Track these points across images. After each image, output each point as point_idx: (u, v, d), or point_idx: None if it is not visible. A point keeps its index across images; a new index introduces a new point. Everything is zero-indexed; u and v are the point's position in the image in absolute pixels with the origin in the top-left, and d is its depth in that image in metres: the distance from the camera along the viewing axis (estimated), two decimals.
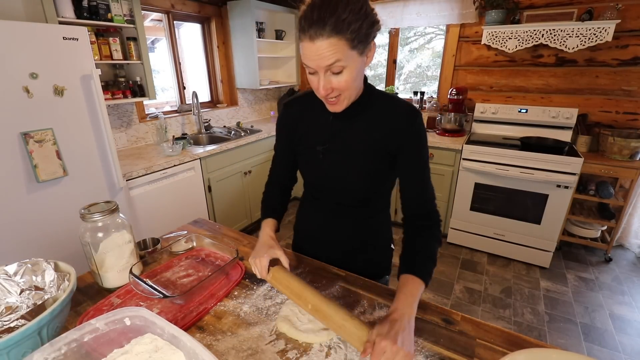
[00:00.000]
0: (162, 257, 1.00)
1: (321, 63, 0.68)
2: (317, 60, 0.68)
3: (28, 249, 1.55)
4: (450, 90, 2.85)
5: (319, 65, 0.68)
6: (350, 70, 0.70)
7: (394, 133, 0.81)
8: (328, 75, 0.70)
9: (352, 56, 0.68)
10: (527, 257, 2.53)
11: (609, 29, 2.21)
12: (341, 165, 0.87)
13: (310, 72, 0.72)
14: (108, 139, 1.76)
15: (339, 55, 0.66)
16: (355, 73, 0.71)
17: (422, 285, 0.75)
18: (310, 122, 0.90)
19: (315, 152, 0.89)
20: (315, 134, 0.89)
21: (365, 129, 0.84)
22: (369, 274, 0.97)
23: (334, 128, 0.87)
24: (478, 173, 2.49)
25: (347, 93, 0.75)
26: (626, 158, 2.28)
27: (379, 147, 0.83)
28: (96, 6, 1.94)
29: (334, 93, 0.73)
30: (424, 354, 0.69)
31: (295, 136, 0.94)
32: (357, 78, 0.74)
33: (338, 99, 0.75)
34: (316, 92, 0.75)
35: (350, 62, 0.69)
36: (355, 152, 0.85)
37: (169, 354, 0.58)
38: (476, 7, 2.65)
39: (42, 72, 1.48)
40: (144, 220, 2.10)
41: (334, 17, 0.64)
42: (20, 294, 0.67)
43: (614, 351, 1.79)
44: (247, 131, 2.97)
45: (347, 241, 0.99)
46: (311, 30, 0.65)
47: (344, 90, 0.73)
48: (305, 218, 1.08)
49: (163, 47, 2.85)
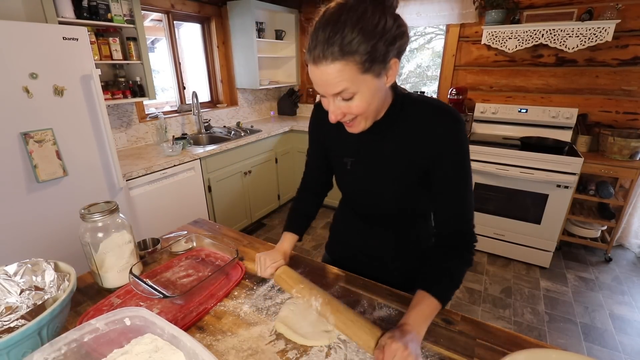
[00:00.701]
0: (162, 257, 1.00)
1: (328, 90, 0.61)
2: (323, 86, 0.61)
3: (28, 249, 1.55)
4: (450, 90, 2.85)
5: (327, 92, 0.62)
6: (363, 95, 0.62)
7: (429, 145, 0.72)
8: (338, 101, 0.63)
9: (364, 80, 0.60)
10: (527, 257, 2.53)
11: (609, 29, 2.21)
12: (371, 179, 0.80)
13: (322, 95, 0.66)
14: (108, 139, 1.76)
15: (346, 84, 0.59)
16: (370, 97, 0.63)
17: (438, 307, 0.70)
18: (338, 130, 0.79)
19: (343, 164, 0.84)
20: (343, 144, 0.83)
21: (397, 142, 0.75)
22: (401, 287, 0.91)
23: (362, 140, 0.78)
24: (478, 173, 2.49)
25: (364, 116, 0.67)
26: (626, 158, 2.28)
27: (412, 161, 0.75)
28: (96, 6, 1.94)
29: (348, 117, 0.66)
30: (424, 354, 0.69)
31: (326, 141, 0.88)
32: (374, 101, 0.65)
33: (354, 122, 0.68)
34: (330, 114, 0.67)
35: (362, 87, 0.60)
36: (387, 163, 0.77)
37: (169, 354, 0.58)
38: (476, 7, 2.65)
39: (42, 72, 1.48)
40: (144, 220, 2.10)
41: (340, 37, 0.55)
42: (20, 294, 0.67)
43: (614, 351, 1.79)
44: (247, 131, 2.97)
45: (382, 250, 0.94)
46: (314, 53, 0.58)
47: (358, 114, 0.65)
48: (341, 223, 1.04)
49: (163, 47, 2.85)
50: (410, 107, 0.74)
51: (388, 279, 0.94)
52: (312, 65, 0.60)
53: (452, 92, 2.83)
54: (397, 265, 0.95)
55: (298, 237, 0.96)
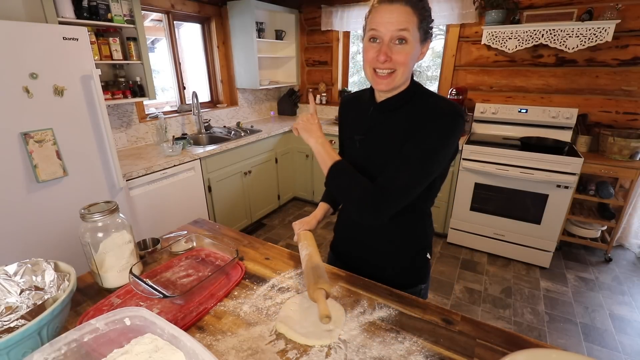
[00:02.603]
0: (162, 257, 1.00)
1: (392, 27, 0.72)
2: (389, 23, 0.72)
3: (28, 249, 1.55)
4: (450, 91, 2.85)
5: (389, 29, 0.72)
6: (411, 46, 0.73)
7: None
8: (391, 45, 0.74)
9: (416, 35, 0.73)
10: (527, 257, 2.53)
11: (609, 29, 2.21)
12: (375, 156, 0.86)
13: (373, 36, 0.75)
14: (108, 139, 1.76)
15: (408, 25, 0.71)
16: (413, 53, 0.74)
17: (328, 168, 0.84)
18: (355, 113, 0.95)
19: (354, 141, 0.92)
20: (357, 124, 0.93)
21: (403, 124, 0.81)
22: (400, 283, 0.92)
23: (372, 120, 0.88)
24: (478, 173, 2.49)
25: (400, 70, 0.76)
26: (626, 158, 2.28)
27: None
28: (96, 6, 1.94)
29: (390, 64, 0.75)
30: (424, 354, 0.69)
31: (343, 126, 1.01)
32: (412, 62, 0.76)
33: (390, 75, 0.77)
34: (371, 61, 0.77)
35: (414, 39, 0.73)
36: (390, 144, 0.82)
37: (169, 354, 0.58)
38: (476, 7, 2.65)
39: (42, 72, 1.48)
40: (144, 220, 2.10)
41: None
42: (20, 294, 0.67)
43: (614, 351, 1.79)
44: (247, 131, 2.97)
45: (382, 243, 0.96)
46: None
47: (399, 65, 0.75)
48: (344, 218, 1.08)
49: (163, 47, 2.85)
50: (420, 98, 0.82)
51: (387, 275, 0.95)
52: (386, 4, 0.72)
53: (452, 92, 2.83)
54: (396, 261, 0.97)
55: (330, 207, 1.09)
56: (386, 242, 0.96)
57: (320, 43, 3.58)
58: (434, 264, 2.56)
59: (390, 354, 0.69)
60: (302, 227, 1.01)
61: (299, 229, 1.01)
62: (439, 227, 2.87)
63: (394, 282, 0.92)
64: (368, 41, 0.76)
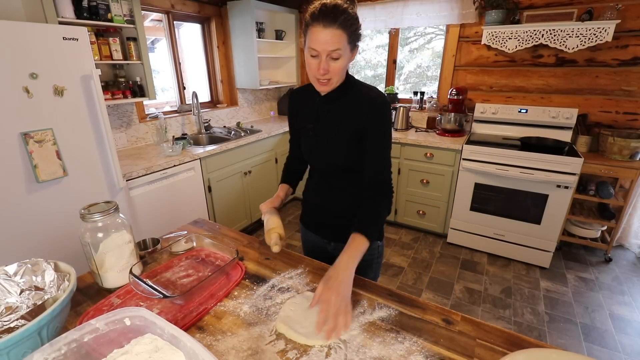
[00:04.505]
0: (162, 257, 1.00)
1: (327, 47, 0.85)
2: (324, 44, 0.85)
3: (28, 249, 1.55)
4: (450, 91, 2.85)
5: (325, 49, 0.86)
6: (343, 59, 0.89)
7: (362, 115, 0.97)
8: (328, 60, 0.88)
9: (347, 49, 0.88)
10: (527, 257, 2.53)
11: (609, 29, 2.21)
12: (324, 140, 1.04)
13: (313, 54, 0.89)
14: (108, 139, 1.76)
15: (340, 45, 0.86)
16: (345, 63, 0.91)
17: (367, 244, 0.90)
18: (305, 106, 1.10)
19: (306, 130, 1.08)
20: (307, 115, 1.08)
21: (342, 111, 1.00)
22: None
23: (319, 110, 1.04)
24: (478, 173, 2.49)
25: (336, 78, 0.93)
26: (626, 158, 2.28)
27: (352, 126, 0.99)
28: (96, 6, 1.94)
29: (328, 75, 0.91)
30: (424, 354, 0.69)
31: (295, 117, 1.16)
32: (345, 68, 0.93)
33: (328, 82, 0.93)
34: (313, 72, 0.92)
35: (345, 53, 0.88)
36: (335, 129, 1.01)
37: (169, 354, 0.58)
38: (476, 7, 2.65)
39: (42, 72, 1.47)
40: (144, 220, 2.10)
41: (344, 15, 0.84)
42: (20, 294, 0.67)
43: (614, 351, 1.79)
44: (247, 131, 2.97)
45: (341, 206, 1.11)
46: (326, 20, 0.83)
47: (335, 74, 0.91)
48: (308, 189, 1.25)
49: (163, 47, 2.85)
50: (354, 87, 1.00)
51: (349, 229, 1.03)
52: (321, 28, 0.84)
53: (452, 92, 2.83)
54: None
55: (290, 187, 1.24)
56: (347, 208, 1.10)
57: None
58: (434, 264, 2.56)
59: (390, 354, 0.69)
60: (268, 206, 1.15)
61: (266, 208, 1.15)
62: (439, 227, 2.87)
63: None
64: (309, 56, 0.90)
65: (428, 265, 2.56)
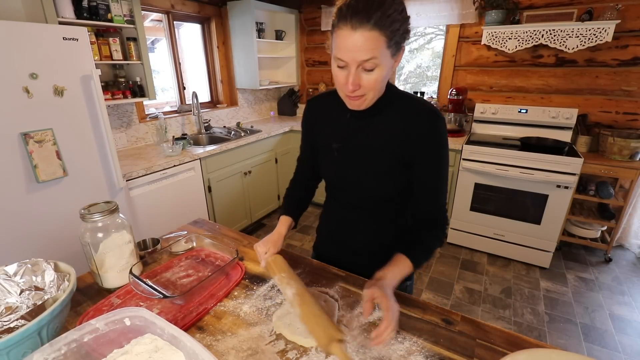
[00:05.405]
0: (162, 258, 1.00)
1: (357, 56, 0.65)
2: (354, 52, 0.64)
3: (28, 249, 1.55)
4: (450, 91, 2.85)
5: (354, 59, 0.65)
6: (381, 69, 0.67)
7: (410, 137, 0.78)
8: (359, 71, 0.67)
9: (386, 55, 0.66)
10: (527, 257, 2.53)
11: (609, 29, 2.21)
12: (355, 164, 0.85)
13: (340, 65, 0.68)
14: (108, 139, 1.76)
15: (375, 52, 0.64)
16: (385, 73, 0.69)
17: (410, 269, 0.79)
18: (328, 120, 0.89)
19: (331, 150, 0.88)
20: (332, 132, 0.88)
21: (381, 130, 0.81)
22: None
23: (350, 127, 0.84)
24: (478, 173, 2.49)
25: (373, 93, 0.72)
26: (626, 158, 2.28)
27: (395, 149, 0.80)
28: (96, 6, 1.94)
29: (360, 91, 0.70)
30: (424, 354, 0.69)
31: (314, 133, 0.94)
32: (385, 79, 0.71)
33: (361, 98, 0.73)
34: (341, 87, 0.72)
35: (384, 60, 0.66)
36: (370, 152, 0.82)
37: (169, 354, 0.58)
38: (476, 7, 2.65)
39: (42, 73, 1.47)
40: (144, 220, 2.10)
41: (380, 11, 0.62)
42: (20, 294, 0.67)
43: (614, 351, 1.79)
44: (247, 131, 2.97)
45: (365, 243, 0.96)
46: (354, 19, 0.62)
47: (370, 89, 0.70)
48: (326, 219, 1.06)
49: (163, 47, 2.85)
50: (397, 101, 0.80)
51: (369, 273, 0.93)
52: (348, 30, 0.63)
53: (452, 92, 2.83)
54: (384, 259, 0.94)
55: (292, 220, 1.00)
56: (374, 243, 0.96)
57: (320, 43, 3.58)
58: (434, 264, 2.56)
59: (390, 354, 0.69)
60: (270, 250, 0.89)
61: (266, 254, 0.88)
62: None
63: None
64: (336, 67, 0.70)
65: (428, 265, 2.56)
